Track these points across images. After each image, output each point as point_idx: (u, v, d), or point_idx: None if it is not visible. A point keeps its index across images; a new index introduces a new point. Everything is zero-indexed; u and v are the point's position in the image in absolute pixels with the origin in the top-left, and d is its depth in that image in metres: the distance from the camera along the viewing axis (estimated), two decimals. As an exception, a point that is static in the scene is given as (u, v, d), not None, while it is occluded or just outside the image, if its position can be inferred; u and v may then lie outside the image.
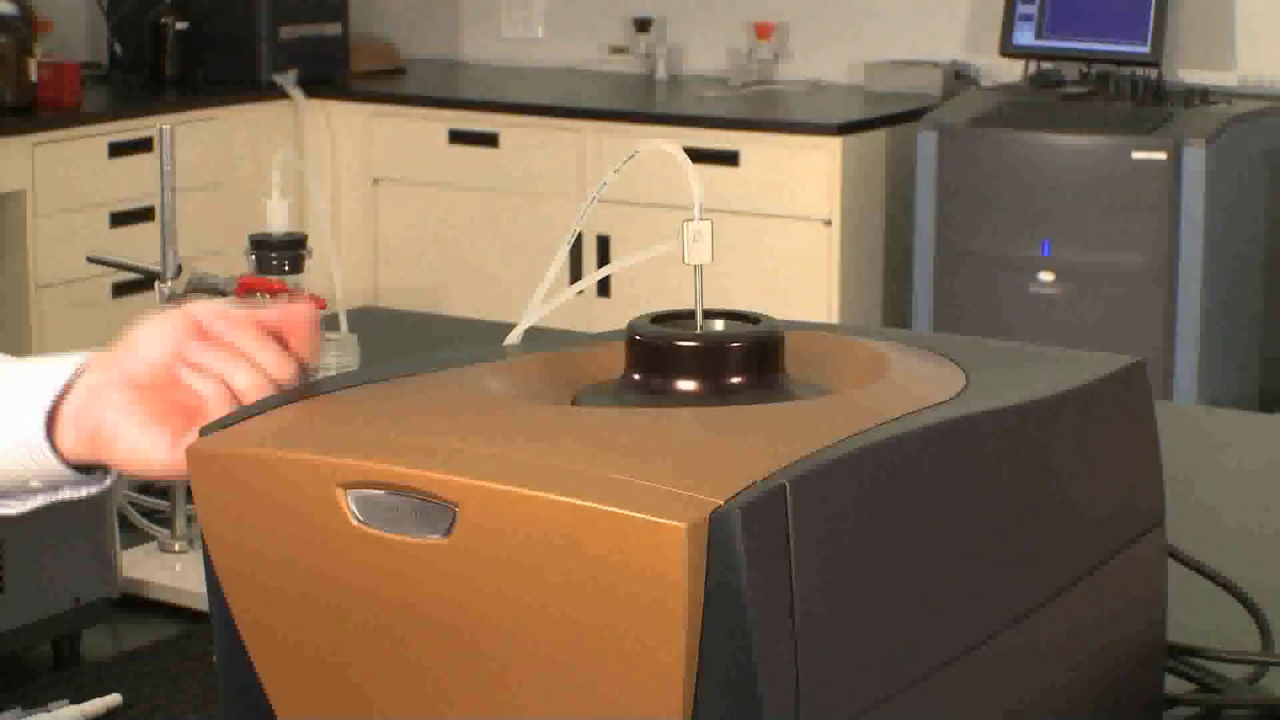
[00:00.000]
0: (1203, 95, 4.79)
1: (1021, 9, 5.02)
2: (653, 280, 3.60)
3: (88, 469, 1.26)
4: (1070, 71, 5.02)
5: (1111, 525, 1.29)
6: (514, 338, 1.33)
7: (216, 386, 1.22)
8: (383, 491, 1.10)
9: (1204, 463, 2.16)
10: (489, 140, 5.25)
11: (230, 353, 1.23)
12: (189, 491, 1.32)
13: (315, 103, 5.43)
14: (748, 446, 1.10)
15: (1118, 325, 4.62)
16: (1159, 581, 1.36)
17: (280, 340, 1.24)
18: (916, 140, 4.79)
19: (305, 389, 1.23)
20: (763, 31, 5.48)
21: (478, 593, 1.07)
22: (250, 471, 1.14)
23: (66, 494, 1.28)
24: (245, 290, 1.80)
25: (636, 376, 1.23)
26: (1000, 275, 4.73)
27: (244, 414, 1.20)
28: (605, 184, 1.29)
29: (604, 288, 5.05)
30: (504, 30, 5.97)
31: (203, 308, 1.25)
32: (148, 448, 1.22)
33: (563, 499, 1.04)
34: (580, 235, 2.78)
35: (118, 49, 5.52)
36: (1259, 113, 4.76)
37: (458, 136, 5.30)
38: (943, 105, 4.93)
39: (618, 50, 5.71)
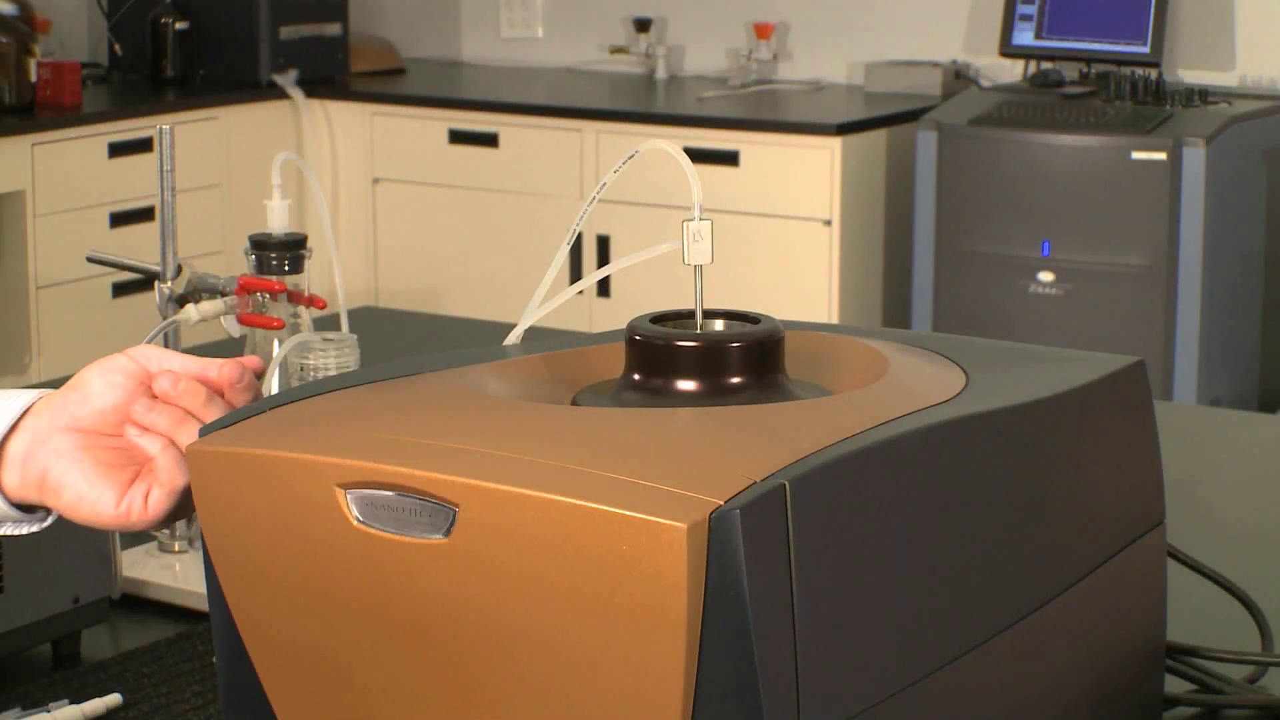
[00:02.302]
0: (1203, 95, 4.79)
1: (1021, 9, 5.02)
2: (653, 280, 3.61)
3: (29, 507, 1.24)
4: (1070, 71, 5.02)
5: (1111, 525, 1.29)
6: (514, 338, 1.33)
7: (164, 446, 1.21)
8: (382, 491, 1.10)
9: (1204, 463, 2.16)
10: (489, 140, 5.25)
11: (176, 412, 1.22)
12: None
13: (315, 103, 5.43)
14: (748, 446, 1.10)
15: (1118, 325, 4.62)
16: (1159, 581, 1.36)
17: (224, 395, 1.23)
18: (916, 140, 4.79)
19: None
20: (763, 31, 5.48)
21: (478, 593, 1.07)
22: (250, 471, 1.14)
23: (7, 530, 1.26)
24: (245, 290, 1.80)
25: (636, 376, 1.23)
26: (1000, 275, 4.73)
27: (244, 414, 1.20)
28: (605, 184, 1.29)
29: (604, 288, 5.05)
30: (504, 30, 5.97)
31: (154, 356, 1.24)
32: (95, 499, 1.21)
33: (563, 499, 1.04)
34: (580, 235, 2.78)
35: (118, 49, 5.52)
36: (1259, 113, 4.76)
37: (458, 136, 5.30)
38: (943, 105, 4.93)
39: (618, 50, 5.71)
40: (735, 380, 1.21)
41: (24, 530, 1.26)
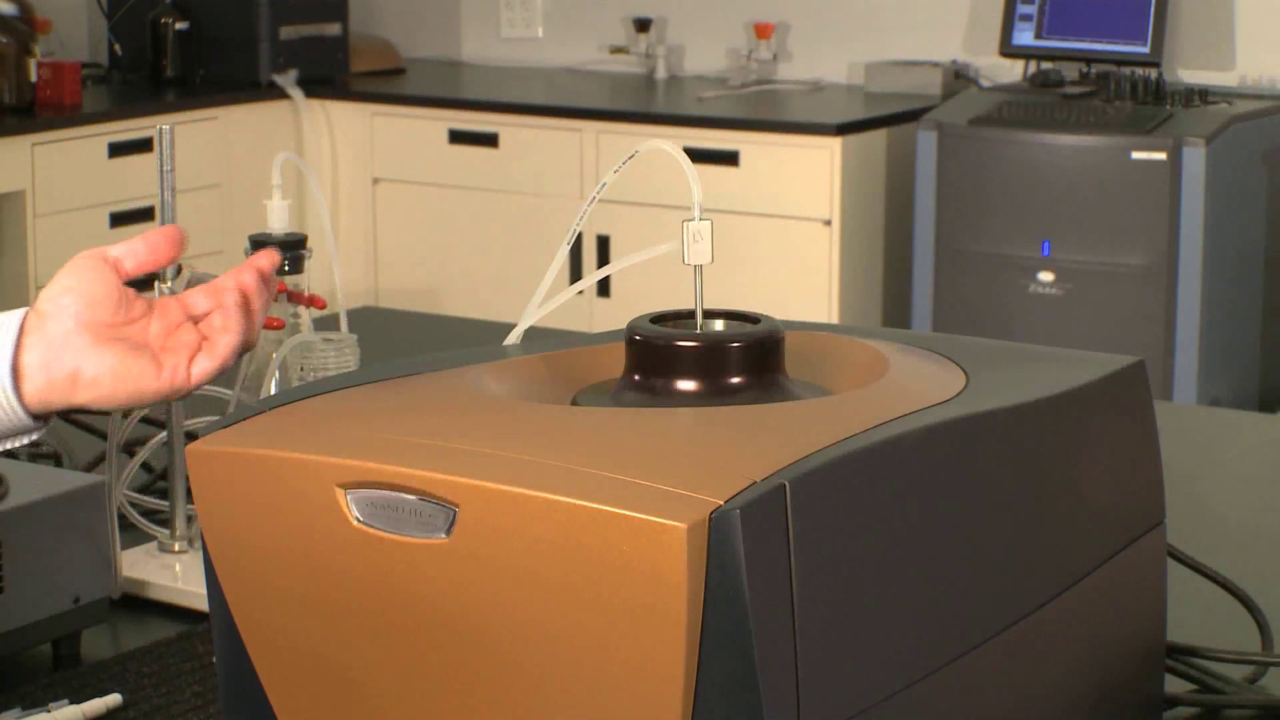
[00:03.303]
0: (1203, 95, 4.79)
1: (1021, 9, 5.02)
2: (653, 280, 3.60)
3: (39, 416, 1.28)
4: (1070, 71, 5.02)
5: (1111, 525, 1.29)
6: (514, 338, 1.33)
7: (242, 329, 1.27)
8: (382, 491, 1.10)
9: (1204, 463, 2.16)
10: (489, 140, 5.25)
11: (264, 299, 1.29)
12: (189, 491, 1.32)
13: (315, 103, 5.43)
14: (748, 446, 1.10)
15: (1118, 325, 4.62)
16: (1159, 581, 1.36)
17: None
18: (916, 140, 4.79)
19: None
20: (763, 31, 5.48)
21: (478, 593, 1.07)
22: (250, 471, 1.14)
23: (6, 445, 1.29)
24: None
25: (636, 376, 1.23)
26: (1000, 275, 4.73)
27: (244, 414, 1.20)
28: (605, 184, 1.29)
29: (604, 288, 5.05)
30: (504, 30, 5.97)
31: (103, 249, 1.27)
32: (137, 374, 1.25)
33: (563, 499, 1.04)
34: (580, 235, 2.77)
35: (118, 49, 5.52)
36: (1259, 113, 4.76)
37: (458, 136, 5.30)
38: (943, 105, 4.93)
39: (618, 50, 5.71)
40: (735, 380, 1.21)
41: (22, 440, 1.29)
